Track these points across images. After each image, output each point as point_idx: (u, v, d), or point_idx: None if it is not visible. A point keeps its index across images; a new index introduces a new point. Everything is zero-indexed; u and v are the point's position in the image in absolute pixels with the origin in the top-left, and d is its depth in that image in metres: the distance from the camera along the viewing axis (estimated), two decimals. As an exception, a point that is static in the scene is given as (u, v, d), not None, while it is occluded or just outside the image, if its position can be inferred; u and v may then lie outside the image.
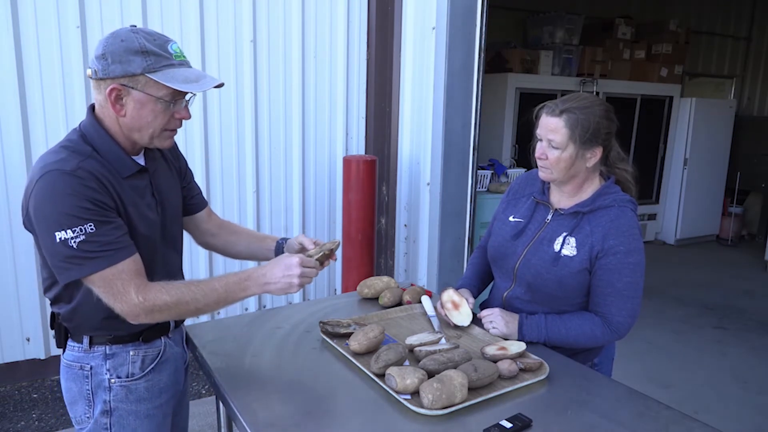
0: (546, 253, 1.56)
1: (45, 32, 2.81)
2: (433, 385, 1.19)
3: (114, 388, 1.34)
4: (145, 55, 1.18)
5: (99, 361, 1.34)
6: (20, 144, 2.82)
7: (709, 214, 6.95)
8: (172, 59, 1.22)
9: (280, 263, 1.30)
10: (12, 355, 3.01)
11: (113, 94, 1.20)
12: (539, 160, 1.56)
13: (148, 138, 1.27)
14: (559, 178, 1.55)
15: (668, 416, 1.23)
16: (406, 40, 3.51)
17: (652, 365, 3.59)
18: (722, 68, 7.63)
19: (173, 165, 1.50)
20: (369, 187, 3.39)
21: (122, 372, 1.35)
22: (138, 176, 1.31)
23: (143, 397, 1.38)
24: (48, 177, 1.15)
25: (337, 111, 3.68)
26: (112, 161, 1.25)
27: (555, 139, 1.50)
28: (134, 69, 1.18)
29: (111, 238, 1.18)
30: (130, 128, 1.25)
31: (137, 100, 1.21)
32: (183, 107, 1.27)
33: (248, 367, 1.40)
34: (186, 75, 1.22)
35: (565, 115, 1.49)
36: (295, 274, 1.28)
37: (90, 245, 1.16)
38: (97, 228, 1.16)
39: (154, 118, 1.24)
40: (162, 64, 1.19)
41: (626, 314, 1.50)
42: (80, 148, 1.23)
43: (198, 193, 1.62)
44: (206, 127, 3.28)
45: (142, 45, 1.18)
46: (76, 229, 1.15)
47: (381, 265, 3.84)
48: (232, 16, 3.24)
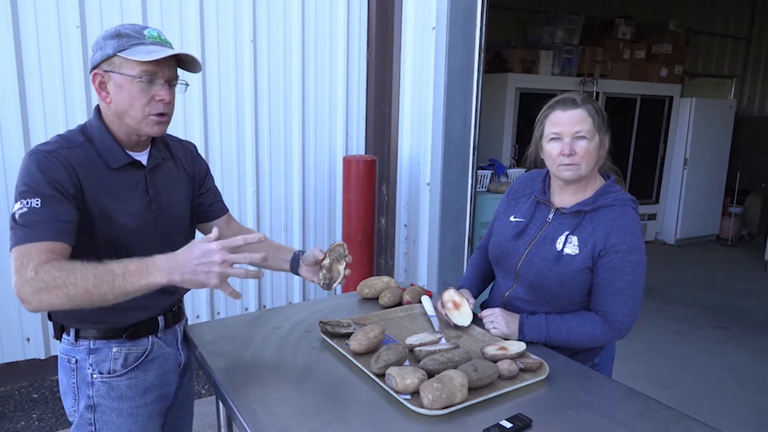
0: (548, 252, 1.56)
1: (45, 32, 2.81)
2: (433, 385, 1.19)
3: (96, 384, 1.35)
4: (119, 38, 1.25)
5: (83, 355, 1.35)
6: (20, 144, 2.82)
7: (709, 214, 6.95)
8: (144, 39, 1.27)
9: (194, 248, 1.14)
10: (12, 355, 3.01)
11: (96, 80, 1.27)
12: (564, 157, 1.49)
13: (135, 122, 1.29)
14: (585, 173, 1.52)
15: (668, 416, 1.22)
16: (406, 40, 3.51)
17: (652, 365, 3.59)
18: (722, 68, 7.63)
19: (185, 169, 1.50)
20: (369, 187, 3.39)
21: (104, 368, 1.35)
22: (130, 169, 1.34)
23: (125, 395, 1.38)
24: (28, 156, 1.23)
25: (337, 111, 3.68)
26: (103, 152, 1.30)
27: (584, 128, 1.49)
28: (109, 50, 1.24)
29: (48, 217, 1.16)
30: (119, 114, 1.29)
31: (116, 83, 1.26)
32: (161, 88, 1.28)
33: (248, 368, 1.40)
34: (150, 49, 1.25)
35: (586, 105, 1.51)
36: (215, 261, 1.12)
37: (28, 218, 1.16)
38: (41, 205, 1.16)
39: (132, 99, 1.26)
40: (132, 43, 1.25)
41: (627, 313, 1.50)
42: (73, 138, 1.29)
43: (217, 201, 1.61)
44: (206, 127, 3.28)
45: (118, 30, 1.26)
46: (23, 201, 1.17)
47: (381, 265, 3.84)
48: (232, 16, 3.24)
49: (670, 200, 6.77)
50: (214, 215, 1.60)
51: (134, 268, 1.12)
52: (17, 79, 2.77)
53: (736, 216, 6.99)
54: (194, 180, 1.53)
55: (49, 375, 3.12)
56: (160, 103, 1.29)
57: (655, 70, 6.29)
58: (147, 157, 1.38)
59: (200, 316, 3.44)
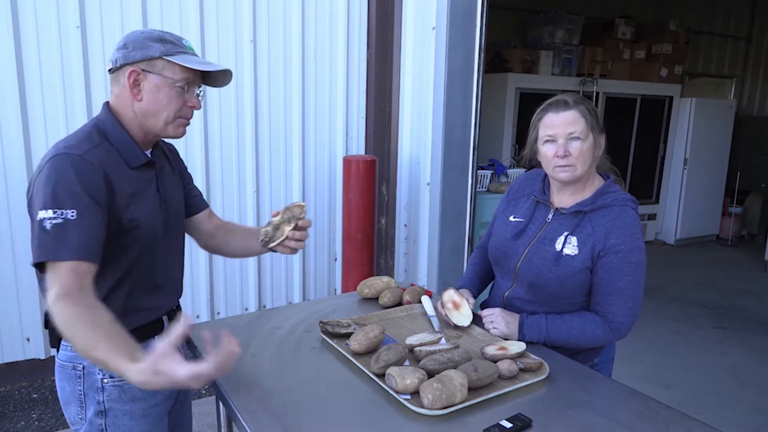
0: (547, 253, 1.56)
1: (45, 32, 2.81)
2: (433, 385, 1.19)
3: (107, 388, 1.34)
4: (163, 42, 1.29)
5: None
6: (20, 144, 2.82)
7: (709, 214, 6.95)
8: (186, 49, 1.33)
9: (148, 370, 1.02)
10: (12, 355, 3.01)
11: (132, 77, 1.27)
12: (559, 159, 1.50)
13: (163, 123, 1.32)
14: (581, 174, 1.52)
15: (668, 416, 1.23)
16: (406, 40, 3.51)
17: (652, 365, 3.59)
18: (722, 68, 7.63)
19: (175, 167, 1.53)
20: (369, 187, 3.39)
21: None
22: (145, 169, 1.35)
23: (137, 396, 1.37)
24: (57, 158, 1.20)
25: (337, 111, 3.68)
26: (122, 151, 1.30)
27: (577, 129, 1.49)
28: (153, 52, 1.27)
29: (82, 232, 1.15)
30: (146, 113, 1.30)
31: (154, 83, 1.28)
32: (194, 96, 1.35)
33: (248, 367, 1.39)
34: (193, 59, 1.32)
35: (579, 106, 1.51)
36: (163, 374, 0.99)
37: (62, 229, 1.13)
38: (77, 216, 1.15)
39: (168, 102, 1.30)
40: (178, 50, 1.30)
41: (627, 314, 1.50)
42: (93, 137, 1.28)
43: (197, 195, 1.63)
44: (206, 126, 3.28)
45: (161, 35, 1.30)
46: (58, 211, 1.14)
47: (381, 265, 3.84)
48: (232, 16, 3.24)
49: (670, 200, 6.77)
50: (194, 209, 1.61)
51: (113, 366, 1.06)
52: (17, 79, 2.77)
53: (736, 216, 6.99)
54: (181, 176, 1.56)
55: (49, 375, 3.11)
56: (191, 109, 1.35)
57: (655, 70, 6.29)
58: (151, 156, 1.40)
59: (200, 316, 3.44)
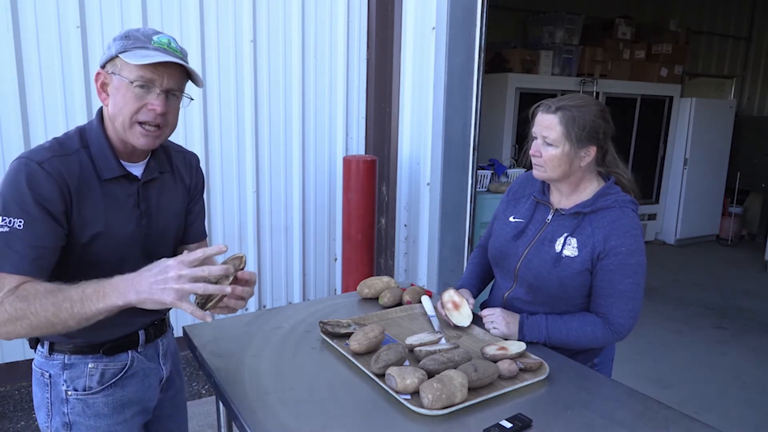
0: (547, 254, 1.56)
1: (45, 32, 2.81)
2: (433, 385, 1.19)
3: (71, 401, 1.28)
4: (125, 39, 1.19)
5: (57, 370, 1.27)
6: (20, 144, 2.82)
7: (709, 214, 6.95)
8: (149, 44, 1.19)
9: (153, 266, 1.09)
10: (12, 355, 3.01)
11: (99, 80, 1.22)
12: (533, 157, 1.56)
13: (122, 129, 1.21)
14: (552, 177, 1.55)
15: (668, 416, 1.23)
16: (406, 40, 3.51)
17: (652, 365, 3.59)
18: (722, 68, 7.63)
19: (183, 180, 1.42)
20: (369, 187, 3.39)
21: (79, 384, 1.28)
22: (123, 181, 1.26)
23: (102, 412, 1.30)
24: (15, 164, 1.15)
25: (337, 111, 3.68)
26: (97, 160, 1.22)
27: (550, 135, 1.50)
28: (112, 52, 1.19)
29: (28, 243, 1.11)
30: (112, 117, 1.22)
31: (115, 85, 1.19)
32: (155, 97, 1.19)
33: (248, 367, 1.39)
34: (149, 54, 1.16)
35: (560, 112, 1.49)
36: (171, 277, 1.05)
37: (7, 240, 1.10)
38: (24, 226, 1.11)
39: (124, 104, 1.18)
40: (135, 46, 1.18)
41: (627, 315, 1.50)
42: (69, 144, 1.22)
43: (195, 222, 1.49)
44: (206, 127, 3.28)
45: (128, 32, 1.20)
46: (5, 219, 1.10)
47: (381, 265, 3.84)
48: (232, 16, 3.24)
49: (670, 200, 6.77)
50: (188, 239, 1.48)
51: (91, 292, 1.07)
52: (17, 79, 2.77)
53: (736, 216, 6.99)
54: (189, 192, 1.45)
55: (49, 375, 3.12)
56: (150, 112, 1.19)
57: (655, 70, 6.29)
58: (143, 169, 1.30)
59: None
